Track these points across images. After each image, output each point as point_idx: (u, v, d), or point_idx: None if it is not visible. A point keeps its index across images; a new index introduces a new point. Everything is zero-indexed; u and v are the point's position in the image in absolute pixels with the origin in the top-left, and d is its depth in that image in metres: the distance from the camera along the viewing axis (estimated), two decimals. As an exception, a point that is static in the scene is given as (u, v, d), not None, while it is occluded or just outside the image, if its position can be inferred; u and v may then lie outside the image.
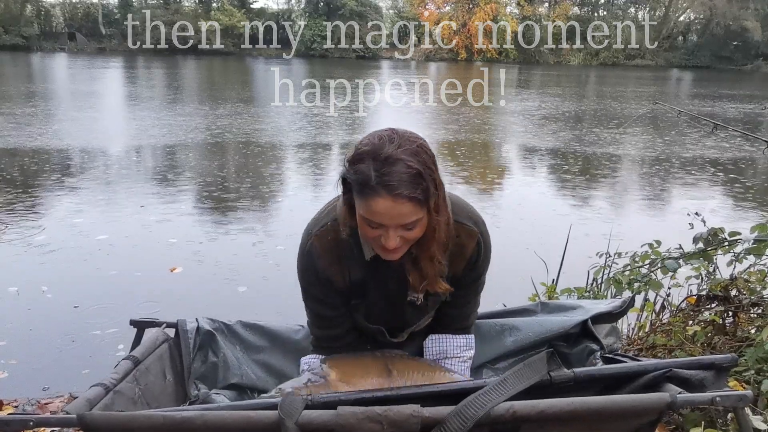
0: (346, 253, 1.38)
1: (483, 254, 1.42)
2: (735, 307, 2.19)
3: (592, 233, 5.45)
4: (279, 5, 48.67)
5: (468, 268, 1.42)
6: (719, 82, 27.90)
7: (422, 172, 1.18)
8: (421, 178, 1.18)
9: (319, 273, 1.39)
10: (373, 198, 1.18)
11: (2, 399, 2.79)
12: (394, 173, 1.16)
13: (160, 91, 18.72)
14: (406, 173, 1.17)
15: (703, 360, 1.25)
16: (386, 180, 1.16)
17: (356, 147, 1.23)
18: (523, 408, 1.04)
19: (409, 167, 1.17)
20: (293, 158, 9.39)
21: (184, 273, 4.49)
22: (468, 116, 14.21)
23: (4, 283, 4.18)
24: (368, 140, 1.22)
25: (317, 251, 1.38)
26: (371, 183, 1.17)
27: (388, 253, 1.27)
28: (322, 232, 1.38)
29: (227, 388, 1.47)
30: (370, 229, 1.24)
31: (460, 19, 43.30)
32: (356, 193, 1.22)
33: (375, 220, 1.21)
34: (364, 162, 1.19)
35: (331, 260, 1.38)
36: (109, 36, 43.08)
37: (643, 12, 47.64)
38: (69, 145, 9.24)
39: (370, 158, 1.18)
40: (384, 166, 1.17)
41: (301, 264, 1.43)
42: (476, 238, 1.40)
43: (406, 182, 1.17)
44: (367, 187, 1.18)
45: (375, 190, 1.17)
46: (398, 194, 1.16)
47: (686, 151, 10.21)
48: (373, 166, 1.17)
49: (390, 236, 1.22)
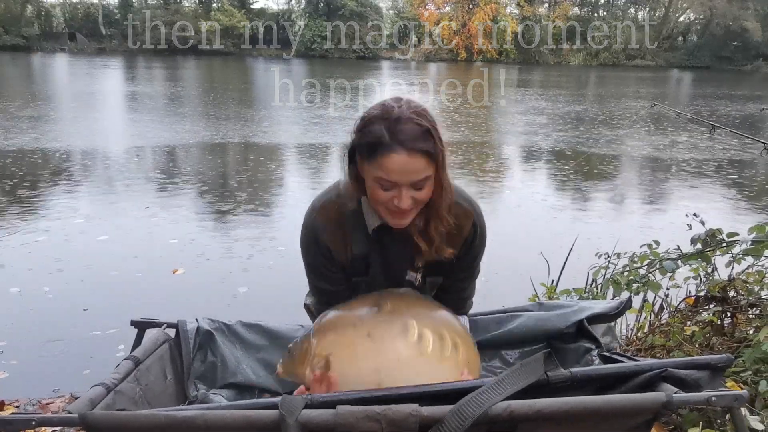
0: (350, 226, 1.42)
1: (479, 235, 1.47)
2: (733, 307, 2.20)
3: (592, 233, 5.47)
4: (279, 5, 48.71)
5: (465, 248, 1.46)
6: (719, 83, 27.90)
7: (430, 128, 1.27)
8: (429, 134, 1.26)
9: (322, 246, 1.43)
10: (388, 155, 1.24)
11: (4, 399, 2.80)
12: (406, 130, 1.25)
13: (160, 91, 18.72)
14: (417, 129, 1.25)
15: (698, 360, 1.26)
16: (400, 136, 1.24)
17: (363, 116, 1.31)
18: (520, 407, 1.05)
19: (419, 124, 1.26)
20: (294, 159, 9.41)
21: (185, 274, 4.50)
22: (468, 117, 14.22)
23: (6, 284, 4.19)
24: (375, 107, 1.31)
25: (321, 223, 1.42)
26: (385, 141, 1.24)
27: (399, 216, 1.32)
28: (326, 205, 1.43)
29: (226, 387, 1.48)
30: (383, 192, 1.29)
31: (460, 19, 43.29)
32: (368, 157, 1.28)
33: (390, 178, 1.26)
34: (375, 124, 1.27)
35: (334, 232, 1.42)
36: (109, 36, 43.08)
37: (643, 12, 47.66)
38: (69, 147, 9.25)
39: (381, 120, 1.26)
40: (396, 125, 1.25)
41: (304, 237, 1.46)
42: (472, 218, 1.45)
43: (418, 137, 1.25)
44: (381, 146, 1.25)
45: (390, 146, 1.24)
46: (412, 148, 1.24)
47: (685, 152, 10.22)
48: (385, 126, 1.25)
49: (403, 195, 1.27)
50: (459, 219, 1.42)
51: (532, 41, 44.04)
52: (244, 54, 41.69)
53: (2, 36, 37.87)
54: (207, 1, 44.37)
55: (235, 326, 1.60)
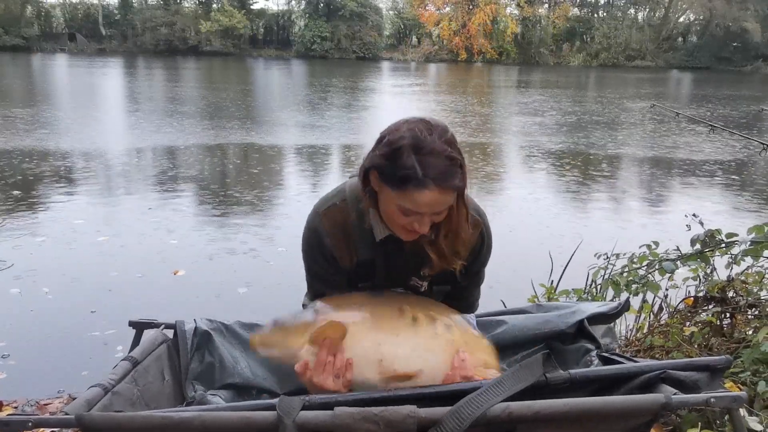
0: (355, 233, 1.39)
1: (486, 244, 1.46)
2: (732, 308, 2.20)
3: (591, 234, 5.47)
4: (279, 6, 48.77)
5: (472, 257, 1.44)
6: (719, 83, 27.92)
7: (461, 161, 1.23)
8: (461, 167, 1.23)
9: (325, 251, 1.40)
10: (420, 190, 1.19)
11: (2, 400, 2.80)
12: (440, 166, 1.19)
13: (160, 93, 18.73)
14: (450, 165, 1.20)
15: (697, 362, 1.26)
16: (432, 173, 1.19)
17: (389, 140, 1.23)
18: (518, 408, 1.05)
19: (450, 158, 1.20)
20: (293, 160, 9.41)
21: (185, 275, 4.50)
22: (468, 117, 14.22)
23: (6, 285, 4.19)
24: (403, 132, 1.22)
25: (325, 229, 1.39)
26: (418, 176, 1.18)
27: (414, 236, 1.31)
28: (330, 211, 1.40)
29: (224, 388, 1.48)
30: (403, 217, 1.26)
31: (460, 19, 43.32)
32: (395, 187, 1.22)
33: (418, 210, 1.23)
34: (405, 155, 1.19)
35: (339, 238, 1.39)
36: (109, 37, 43.14)
37: (642, 13, 47.68)
38: (69, 147, 9.25)
39: (412, 151, 1.19)
40: (428, 159, 1.19)
41: (307, 242, 1.43)
42: (480, 227, 1.43)
43: (451, 174, 1.20)
44: (414, 181, 1.19)
45: (422, 182, 1.19)
46: (446, 186, 1.20)
47: (685, 153, 10.22)
48: (417, 160, 1.19)
49: (424, 222, 1.26)
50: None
51: (532, 42, 44.10)
52: (244, 54, 41.72)
53: (2, 36, 37.92)
54: (207, 2, 44.40)
55: (233, 326, 1.59)
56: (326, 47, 42.25)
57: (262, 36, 46.72)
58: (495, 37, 43.65)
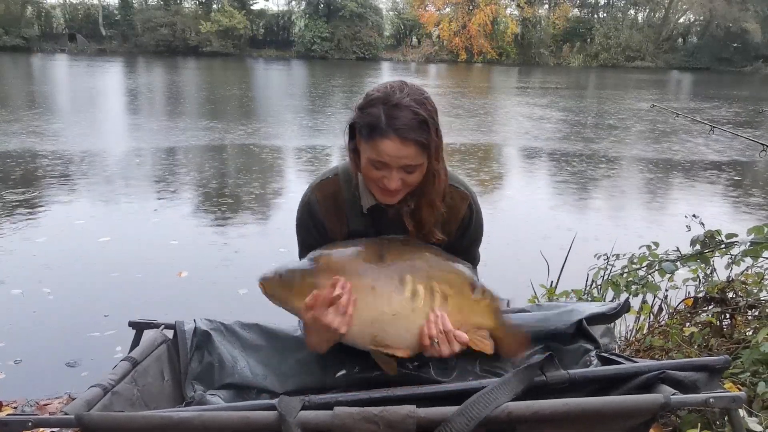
0: (346, 205, 1.45)
1: (475, 218, 1.49)
2: (732, 309, 2.20)
3: (591, 234, 5.47)
4: (279, 6, 48.76)
5: (460, 231, 1.48)
6: (719, 84, 27.93)
7: (427, 119, 1.29)
8: (426, 125, 1.29)
9: (318, 222, 1.47)
10: (382, 140, 1.28)
11: (1, 400, 2.80)
12: (403, 118, 1.27)
13: (161, 93, 18.74)
14: (413, 119, 1.28)
15: (696, 362, 1.26)
16: (395, 123, 1.27)
17: (367, 94, 1.34)
18: (517, 408, 1.06)
19: (416, 114, 1.28)
20: (294, 160, 9.41)
21: (186, 275, 4.50)
22: (468, 118, 14.23)
23: (8, 285, 4.19)
24: (379, 88, 1.33)
25: (317, 200, 1.47)
26: (381, 126, 1.27)
27: (388, 195, 1.36)
28: (323, 185, 1.48)
29: (224, 387, 1.47)
30: (374, 171, 1.33)
31: (460, 20, 43.32)
32: (364, 137, 1.31)
33: (381, 159, 1.30)
34: (375, 107, 1.29)
35: (330, 209, 1.46)
36: (109, 37, 43.13)
37: (642, 14, 47.68)
38: (70, 148, 9.25)
39: (381, 103, 1.29)
40: (393, 111, 1.28)
41: (299, 215, 1.50)
42: (468, 200, 1.48)
43: (413, 127, 1.27)
44: (377, 130, 1.28)
45: (384, 132, 1.27)
46: (405, 137, 1.27)
47: (685, 154, 10.22)
48: (384, 110, 1.28)
49: (392, 177, 1.32)
50: (454, 200, 1.46)
51: (532, 42, 44.10)
52: (245, 55, 41.71)
53: (2, 37, 37.89)
54: (207, 2, 44.40)
55: (232, 326, 1.59)
56: (326, 48, 42.24)
57: (262, 36, 46.72)
58: (495, 38, 43.66)
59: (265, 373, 1.50)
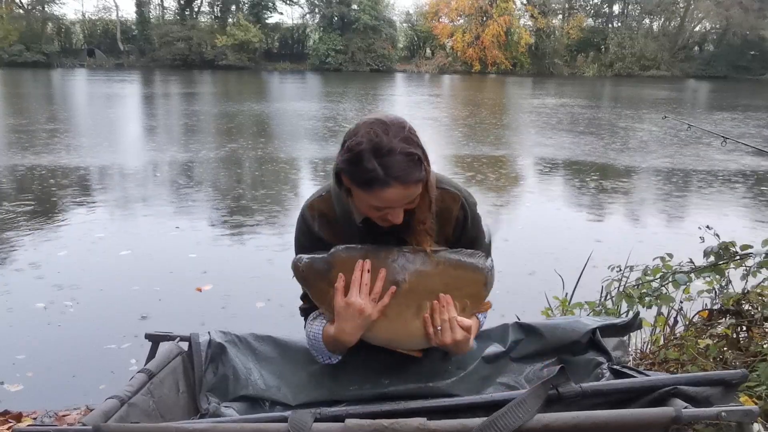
0: (339, 219, 1.47)
1: (470, 217, 1.49)
2: (748, 321, 2.18)
3: (606, 245, 5.43)
4: (294, 20, 49.26)
5: (457, 232, 1.49)
6: (737, 92, 27.65)
7: (420, 156, 1.29)
8: (420, 161, 1.29)
9: (314, 237, 1.48)
10: (384, 189, 1.27)
11: (21, 411, 2.84)
12: (400, 164, 1.25)
13: (178, 106, 18.98)
14: (410, 161, 1.27)
15: (712, 375, 1.26)
16: (394, 172, 1.25)
17: (350, 146, 1.29)
18: (528, 421, 1.06)
19: (409, 155, 1.27)
20: (310, 173, 9.46)
21: (210, 289, 4.52)
22: (482, 129, 14.23)
23: (32, 299, 4.25)
24: (362, 135, 1.28)
25: (312, 215, 1.49)
26: (380, 178, 1.25)
27: (390, 223, 1.37)
28: (316, 201, 1.50)
29: (237, 399, 1.49)
30: (377, 211, 1.34)
31: (474, 31, 43.42)
32: (362, 188, 1.29)
33: (386, 206, 1.31)
34: (367, 161, 1.25)
35: (324, 224, 1.48)
36: (127, 52, 43.86)
37: (658, 23, 47.43)
38: (89, 163, 9.38)
39: (372, 155, 1.25)
40: (388, 161, 1.25)
41: (297, 230, 1.54)
42: (459, 200, 1.48)
43: (411, 170, 1.27)
44: (377, 182, 1.26)
45: (386, 182, 1.26)
46: (409, 181, 1.27)
47: (701, 164, 10.13)
48: (378, 162, 1.25)
49: (397, 213, 1.34)
50: (446, 203, 1.46)
51: (546, 53, 44.04)
52: (259, 68, 42.14)
53: (24, 53, 38.73)
54: (223, 17, 45.00)
55: (246, 338, 1.61)
56: (340, 60, 42.54)
57: (277, 50, 47.20)
58: (509, 49, 43.68)
59: (279, 385, 1.52)
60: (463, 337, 1.37)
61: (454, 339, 1.36)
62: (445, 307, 1.36)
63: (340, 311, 1.37)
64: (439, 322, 1.36)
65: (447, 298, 1.37)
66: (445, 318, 1.36)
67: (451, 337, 1.36)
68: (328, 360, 1.51)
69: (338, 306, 1.37)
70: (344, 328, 1.38)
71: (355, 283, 1.35)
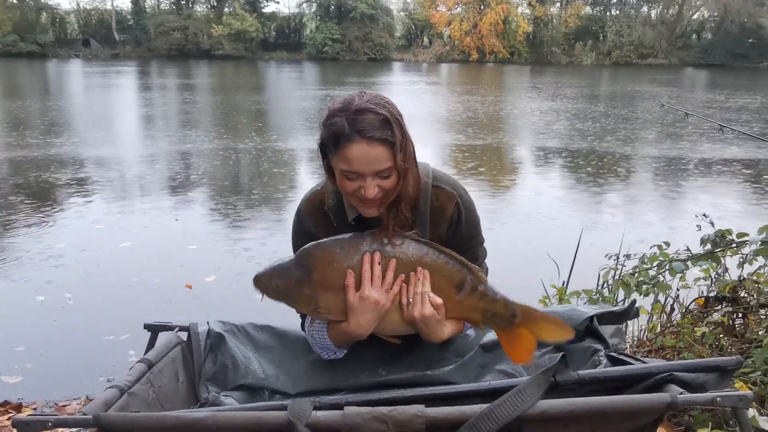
0: (333, 215, 1.47)
1: (465, 216, 1.48)
2: (743, 308, 2.19)
3: (603, 234, 5.45)
4: (290, 9, 48.92)
5: (451, 231, 1.48)
6: (735, 80, 27.60)
7: (389, 118, 1.30)
8: (389, 123, 1.29)
9: (307, 233, 1.48)
10: (349, 145, 1.28)
11: (22, 402, 2.85)
12: (365, 119, 1.28)
13: (175, 97, 18.90)
14: (376, 118, 1.28)
15: (708, 362, 1.27)
16: (359, 126, 1.27)
17: (328, 108, 1.34)
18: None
19: (377, 114, 1.29)
20: (310, 165, 9.43)
21: (201, 279, 4.53)
22: (479, 118, 14.20)
23: (32, 292, 4.26)
24: (338, 100, 1.35)
25: (305, 211, 1.50)
26: (345, 132, 1.28)
27: (369, 206, 1.35)
28: (312, 196, 1.51)
29: (237, 389, 1.50)
30: (349, 182, 1.33)
31: (471, 20, 43.19)
32: (333, 149, 1.31)
33: (352, 167, 1.29)
34: (336, 116, 1.30)
35: (319, 221, 1.48)
36: (122, 42, 43.57)
37: (656, 11, 47.23)
38: (88, 155, 9.35)
39: (342, 111, 1.30)
40: (355, 116, 1.28)
41: (293, 226, 1.54)
42: (454, 199, 1.47)
43: (377, 126, 1.28)
44: (342, 137, 1.28)
45: (349, 136, 1.27)
46: (371, 137, 1.27)
47: (697, 152, 10.13)
48: (346, 118, 1.29)
49: (368, 185, 1.31)
50: (441, 201, 1.46)
51: (544, 41, 43.86)
52: (256, 58, 41.91)
53: (18, 43, 38.42)
54: (219, 6, 44.67)
55: (245, 327, 1.62)
56: (337, 49, 42.31)
57: (274, 39, 46.93)
58: (507, 37, 43.48)
59: (278, 374, 1.53)
60: (430, 313, 1.34)
61: (423, 314, 1.34)
62: (420, 280, 1.35)
63: (355, 306, 1.34)
64: (412, 295, 1.35)
65: (425, 273, 1.35)
66: (418, 291, 1.35)
67: (420, 311, 1.34)
68: (333, 355, 1.51)
69: (352, 301, 1.34)
70: (360, 322, 1.36)
71: (365, 276, 1.34)
